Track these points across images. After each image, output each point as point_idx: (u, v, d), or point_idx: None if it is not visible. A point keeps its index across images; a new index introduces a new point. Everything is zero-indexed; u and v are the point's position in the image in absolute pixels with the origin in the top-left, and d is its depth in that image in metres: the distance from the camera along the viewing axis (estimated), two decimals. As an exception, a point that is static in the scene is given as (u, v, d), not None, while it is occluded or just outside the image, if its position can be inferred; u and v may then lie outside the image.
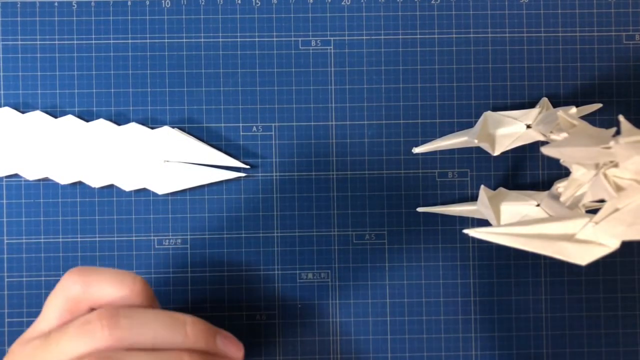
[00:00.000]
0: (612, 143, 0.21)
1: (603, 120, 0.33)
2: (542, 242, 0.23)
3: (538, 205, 0.29)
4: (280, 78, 0.33)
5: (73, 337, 0.22)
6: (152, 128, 0.32)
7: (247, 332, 0.33)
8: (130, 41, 0.33)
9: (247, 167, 0.33)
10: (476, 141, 0.29)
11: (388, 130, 0.33)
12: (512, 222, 0.30)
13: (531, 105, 0.33)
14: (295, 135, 0.33)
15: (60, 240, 0.32)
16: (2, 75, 0.33)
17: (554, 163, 0.33)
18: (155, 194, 0.33)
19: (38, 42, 0.33)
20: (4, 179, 0.32)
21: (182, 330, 0.23)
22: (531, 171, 0.33)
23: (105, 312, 0.23)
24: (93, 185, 0.32)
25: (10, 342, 0.32)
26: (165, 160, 0.32)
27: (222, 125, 0.33)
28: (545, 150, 0.24)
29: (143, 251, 0.33)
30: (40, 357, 0.23)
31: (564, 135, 0.26)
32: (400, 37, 0.33)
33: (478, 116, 0.32)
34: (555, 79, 0.33)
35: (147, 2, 0.33)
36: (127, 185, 0.32)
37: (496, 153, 0.30)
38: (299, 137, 0.33)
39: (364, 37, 0.33)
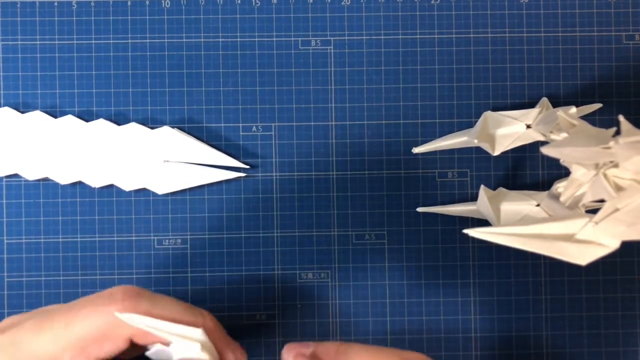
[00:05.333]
0: (612, 143, 0.21)
1: (603, 120, 0.33)
2: (542, 242, 0.23)
3: (538, 205, 0.29)
4: (280, 78, 0.33)
5: (91, 309, 0.22)
6: (152, 128, 0.32)
7: (247, 332, 0.33)
8: (130, 41, 0.33)
9: (247, 167, 0.33)
10: (476, 141, 0.29)
11: (388, 130, 0.33)
12: (512, 222, 0.30)
13: (531, 105, 0.33)
14: (295, 135, 0.33)
15: (60, 240, 0.32)
16: (2, 75, 0.33)
17: (554, 163, 0.33)
18: (155, 194, 0.33)
19: (38, 42, 0.33)
20: (4, 179, 0.32)
21: (199, 319, 0.24)
22: (531, 171, 0.33)
23: (129, 291, 0.22)
24: (93, 185, 0.32)
25: (10, 342, 0.32)
26: (165, 160, 0.32)
27: (222, 125, 0.33)
28: (545, 150, 0.24)
29: (143, 251, 0.33)
30: (55, 319, 0.21)
31: (564, 135, 0.26)
32: (400, 37, 0.33)
33: (478, 116, 0.32)
34: (555, 79, 0.33)
35: (147, 2, 0.33)
36: (127, 185, 0.32)
37: (496, 153, 0.30)
38: (299, 137, 0.33)
39: (364, 37, 0.33)
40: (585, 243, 0.23)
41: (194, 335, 0.23)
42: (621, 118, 0.22)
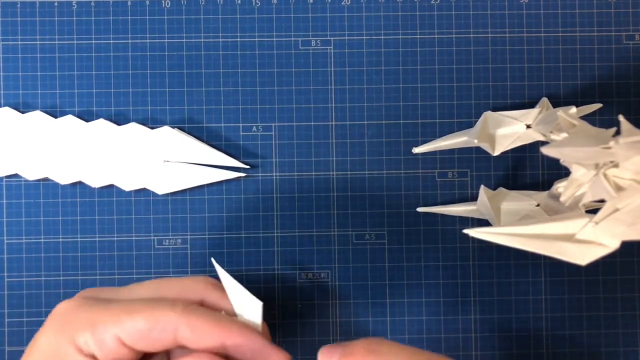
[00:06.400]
0: (612, 143, 0.21)
1: (603, 120, 0.33)
2: (542, 242, 0.23)
3: (538, 205, 0.29)
4: (280, 78, 0.33)
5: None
6: (152, 128, 0.32)
7: (247, 332, 0.33)
8: (130, 41, 0.33)
9: (247, 167, 0.33)
10: (476, 141, 0.29)
11: (388, 130, 0.33)
12: (512, 222, 0.30)
13: (531, 105, 0.33)
14: (295, 135, 0.33)
15: (60, 240, 0.32)
16: (2, 75, 0.33)
17: (554, 163, 0.33)
18: (155, 194, 0.33)
19: (38, 42, 0.33)
20: (4, 179, 0.32)
21: None
22: (531, 171, 0.33)
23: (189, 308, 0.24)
24: (93, 185, 0.32)
25: (10, 342, 0.32)
26: (165, 160, 0.32)
27: (222, 125, 0.33)
28: (545, 150, 0.24)
29: (143, 251, 0.33)
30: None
31: (564, 135, 0.26)
32: (400, 37, 0.33)
33: (478, 116, 0.32)
34: (555, 79, 0.33)
35: (147, 2, 0.33)
36: (127, 185, 0.32)
37: (496, 153, 0.30)
38: (299, 137, 0.33)
39: (364, 37, 0.33)
40: (585, 243, 0.23)
41: (257, 303, 0.24)
42: (621, 118, 0.22)
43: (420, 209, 0.33)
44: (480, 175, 0.33)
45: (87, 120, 0.32)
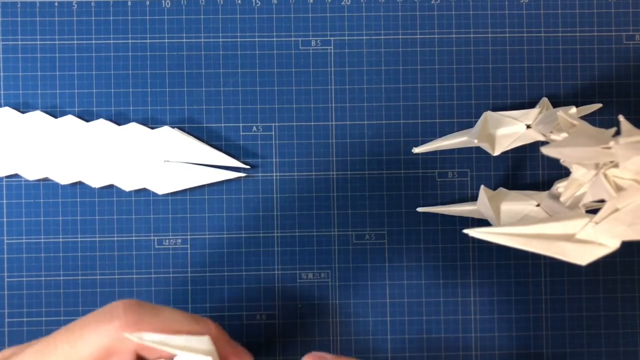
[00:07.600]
0: (612, 143, 0.21)
1: (603, 120, 0.33)
2: (542, 242, 0.23)
3: (538, 205, 0.29)
4: (280, 78, 0.33)
5: (95, 327, 0.21)
6: (152, 128, 0.32)
7: (247, 332, 0.33)
8: (130, 41, 0.33)
9: (247, 167, 0.33)
10: (476, 141, 0.29)
11: (388, 130, 0.33)
12: (512, 222, 0.30)
13: (531, 105, 0.33)
14: (295, 135, 0.33)
15: (60, 240, 0.32)
16: (2, 75, 0.33)
17: (554, 163, 0.33)
18: (155, 194, 0.33)
19: (38, 42, 0.33)
20: (4, 179, 0.32)
21: (204, 327, 0.23)
22: (531, 171, 0.33)
23: (130, 305, 0.21)
24: (93, 185, 0.32)
25: (11, 342, 0.32)
26: (165, 160, 0.32)
27: (222, 125, 0.33)
28: (545, 150, 0.24)
29: (143, 251, 0.33)
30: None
31: (564, 135, 0.26)
32: (400, 37, 0.33)
33: (478, 116, 0.32)
34: (555, 79, 0.33)
35: (147, 2, 0.33)
36: (127, 185, 0.32)
37: (496, 153, 0.30)
38: (299, 137, 0.33)
39: (364, 37, 0.33)
40: (585, 243, 0.23)
41: (201, 345, 0.22)
42: (621, 118, 0.22)
43: (420, 209, 0.33)
44: (480, 175, 0.33)
45: (87, 120, 0.32)
